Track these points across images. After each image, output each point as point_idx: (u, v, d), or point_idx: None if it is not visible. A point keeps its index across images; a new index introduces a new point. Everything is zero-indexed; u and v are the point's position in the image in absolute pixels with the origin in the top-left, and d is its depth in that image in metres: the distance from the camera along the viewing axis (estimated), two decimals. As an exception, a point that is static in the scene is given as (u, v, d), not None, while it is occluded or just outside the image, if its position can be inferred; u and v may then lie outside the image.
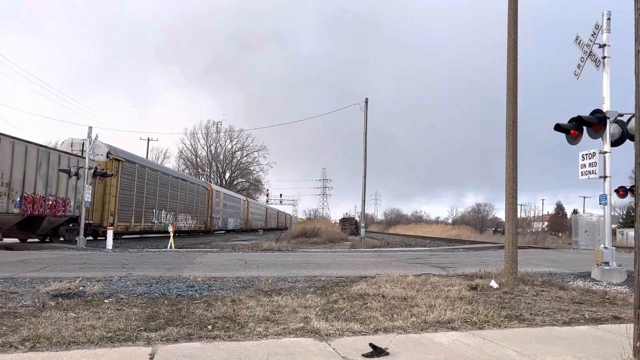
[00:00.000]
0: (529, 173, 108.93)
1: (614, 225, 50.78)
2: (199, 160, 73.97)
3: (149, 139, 56.34)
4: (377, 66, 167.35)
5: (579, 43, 10.53)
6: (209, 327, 4.84)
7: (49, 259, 11.72)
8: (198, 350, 4.10)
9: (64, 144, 21.77)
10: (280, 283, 8.19)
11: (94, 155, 19.21)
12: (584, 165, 10.14)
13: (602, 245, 10.02)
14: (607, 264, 9.72)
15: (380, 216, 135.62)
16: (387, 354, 4.07)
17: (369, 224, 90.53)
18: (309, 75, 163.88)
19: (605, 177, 9.85)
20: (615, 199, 19.36)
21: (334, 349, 4.23)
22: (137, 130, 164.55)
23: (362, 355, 4.04)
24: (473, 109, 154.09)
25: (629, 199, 39.17)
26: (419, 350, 4.26)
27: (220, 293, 7.01)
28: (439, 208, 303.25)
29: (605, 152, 9.85)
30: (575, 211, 67.47)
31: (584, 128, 10.05)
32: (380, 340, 4.43)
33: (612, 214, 11.16)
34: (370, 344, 4.17)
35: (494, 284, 8.03)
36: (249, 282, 8.23)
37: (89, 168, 18.72)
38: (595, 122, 9.87)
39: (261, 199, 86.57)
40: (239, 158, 76.97)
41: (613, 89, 9.95)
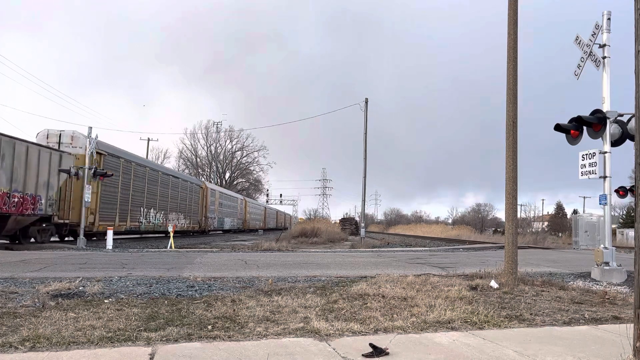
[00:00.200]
0: (529, 173, 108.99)
1: (614, 225, 50.77)
2: (199, 160, 74.02)
3: (149, 139, 56.37)
4: (377, 66, 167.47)
5: (579, 43, 10.53)
6: (209, 327, 4.84)
7: (48, 259, 11.72)
8: (198, 350, 4.10)
9: (39, 135, 20.31)
10: (280, 283, 8.19)
11: (94, 155, 19.19)
12: (584, 165, 10.14)
13: (602, 246, 10.02)
14: (607, 264, 9.72)
15: (380, 216, 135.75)
16: (387, 354, 4.07)
17: (369, 224, 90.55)
18: (309, 75, 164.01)
19: (605, 177, 9.85)
20: (615, 199, 19.40)
21: (334, 349, 4.23)
22: (137, 131, 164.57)
23: (362, 355, 4.04)
24: (473, 109, 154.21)
25: (629, 199, 39.18)
26: (419, 350, 4.26)
27: (220, 293, 7.01)
28: (439, 208, 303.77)
29: (605, 152, 9.85)
30: (575, 211, 67.50)
31: (584, 128, 10.05)
32: (380, 340, 4.43)
33: (612, 214, 11.16)
34: (370, 344, 4.17)
35: (494, 284, 8.03)
36: (249, 282, 8.23)
37: (89, 168, 18.73)
38: (595, 122, 9.87)
39: (261, 199, 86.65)
40: (239, 158, 77.01)
41: (613, 89, 9.96)
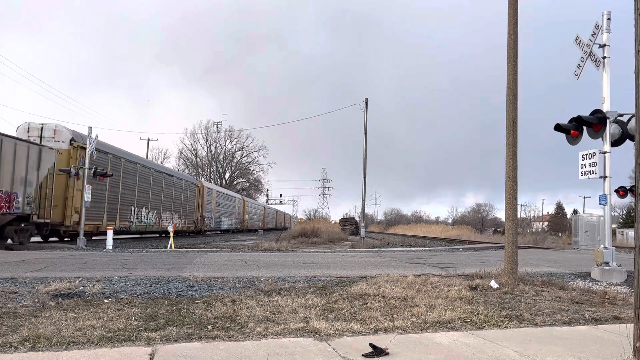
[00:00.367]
0: (529, 173, 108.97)
1: (614, 226, 50.78)
2: (199, 160, 74.04)
3: (149, 139, 56.39)
4: (377, 66, 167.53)
5: (579, 43, 10.53)
6: (209, 327, 4.84)
7: (48, 259, 11.72)
8: (198, 350, 4.10)
9: (19, 128, 19.44)
10: (280, 283, 8.18)
11: (94, 155, 19.14)
12: (584, 165, 10.14)
13: (602, 246, 10.02)
14: (607, 264, 9.72)
15: (380, 216, 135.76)
16: (387, 354, 4.07)
17: (369, 224, 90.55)
18: (309, 75, 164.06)
19: (605, 177, 9.85)
20: (615, 199, 19.40)
21: (334, 349, 4.23)
22: (137, 130, 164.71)
23: (362, 355, 4.04)
24: (473, 109, 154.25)
25: (629, 199, 39.18)
26: (419, 350, 4.26)
27: (220, 293, 7.01)
28: (439, 208, 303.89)
29: (605, 152, 9.85)
30: (575, 211, 67.51)
31: (584, 128, 10.05)
32: (380, 340, 4.43)
33: (612, 214, 11.16)
34: (370, 344, 4.16)
35: (494, 284, 8.03)
36: (249, 282, 8.23)
37: (89, 168, 18.72)
38: (595, 122, 9.87)
39: (261, 199, 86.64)
40: (239, 158, 77.03)
41: (613, 89, 9.96)
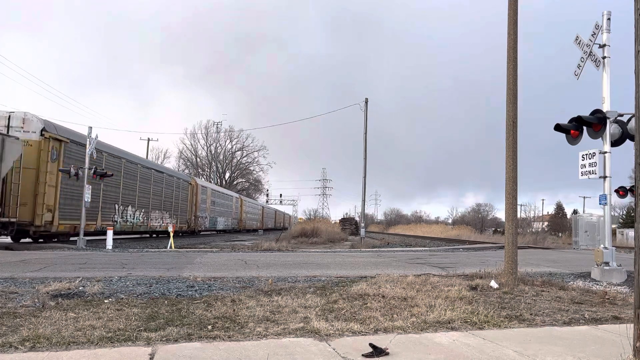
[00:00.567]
0: (529, 173, 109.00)
1: (614, 226, 50.78)
2: (199, 160, 74.06)
3: (149, 139, 56.41)
4: (377, 66, 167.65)
5: (579, 43, 10.53)
6: (209, 327, 4.84)
7: (48, 259, 11.72)
8: (198, 350, 4.10)
9: None
10: (280, 283, 8.18)
11: (94, 155, 19.10)
12: (584, 165, 10.14)
13: (602, 246, 10.02)
14: (607, 264, 9.71)
15: (380, 216, 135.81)
16: (387, 354, 4.07)
17: (369, 224, 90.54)
18: (309, 75, 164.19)
19: (605, 177, 9.85)
20: (615, 199, 19.40)
21: (334, 349, 4.23)
22: (137, 130, 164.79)
23: (362, 355, 4.04)
24: (473, 109, 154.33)
25: (629, 199, 39.18)
26: (419, 351, 4.26)
27: (220, 293, 7.01)
28: (439, 208, 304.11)
29: (605, 152, 9.85)
30: (575, 211, 67.52)
31: (584, 128, 10.05)
32: (380, 341, 4.42)
33: (612, 214, 11.16)
34: (370, 344, 4.16)
35: (494, 284, 8.03)
36: (249, 282, 8.23)
37: (89, 168, 18.70)
38: (595, 122, 9.87)
39: (261, 199, 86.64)
40: (238, 158, 77.02)
41: (613, 89, 9.96)
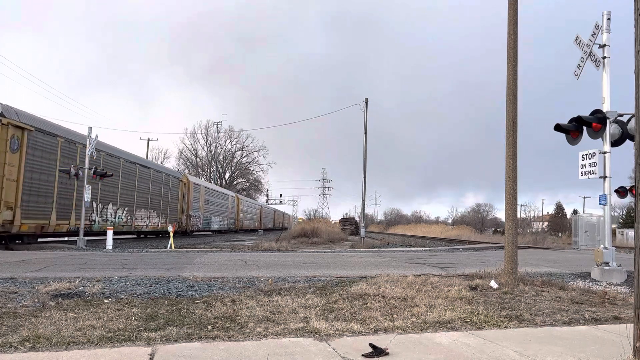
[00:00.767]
0: (529, 173, 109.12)
1: (613, 226, 50.79)
2: (199, 160, 74.07)
3: (149, 139, 56.43)
4: (378, 67, 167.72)
5: (579, 43, 10.53)
6: (209, 327, 4.84)
7: (48, 259, 11.71)
8: (198, 350, 4.09)
9: None
10: (280, 283, 8.18)
11: (94, 155, 19.13)
12: (584, 166, 10.14)
13: (602, 246, 10.02)
14: (607, 264, 9.71)
15: (380, 216, 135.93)
16: (387, 354, 4.07)
17: (369, 224, 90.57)
18: (310, 75, 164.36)
19: (605, 177, 9.85)
20: (615, 199, 19.39)
21: (334, 349, 4.23)
22: (137, 130, 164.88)
23: (362, 355, 4.04)
24: (473, 109, 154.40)
25: (629, 199, 39.19)
26: (419, 351, 4.26)
27: (220, 293, 7.01)
28: (439, 208, 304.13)
29: (605, 152, 9.85)
30: (575, 211, 67.54)
31: (584, 128, 10.04)
32: (380, 341, 4.42)
33: (612, 214, 11.16)
34: (370, 344, 4.16)
35: (493, 284, 8.03)
36: (248, 282, 8.22)
37: (89, 168, 18.71)
38: (595, 122, 9.87)
39: (261, 199, 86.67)
40: (238, 158, 77.07)
41: (613, 89, 9.95)
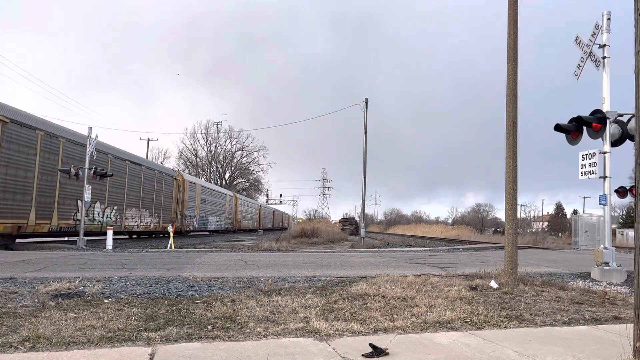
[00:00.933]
0: (529, 173, 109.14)
1: (613, 226, 50.79)
2: (199, 160, 74.08)
3: (149, 139, 56.46)
4: (378, 67, 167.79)
5: (579, 43, 10.53)
6: (209, 327, 4.84)
7: (48, 259, 11.71)
8: (198, 350, 4.09)
9: None
10: (280, 283, 8.18)
11: (94, 155, 19.12)
12: (584, 166, 10.14)
13: (602, 246, 10.01)
14: (607, 264, 9.71)
15: (380, 216, 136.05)
16: (387, 354, 4.06)
17: (369, 224, 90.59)
18: (310, 75, 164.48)
19: (605, 177, 9.85)
20: (615, 199, 19.40)
21: (333, 349, 4.22)
22: (137, 130, 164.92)
23: (362, 355, 4.04)
24: (474, 109, 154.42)
25: (629, 199, 39.20)
26: (418, 351, 4.25)
27: (220, 293, 7.01)
28: (439, 208, 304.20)
29: (605, 152, 9.85)
30: (575, 211, 67.57)
31: (584, 128, 10.04)
32: (380, 341, 4.42)
33: (612, 214, 11.16)
34: (370, 344, 4.16)
35: (493, 284, 8.03)
36: (248, 282, 8.22)
37: (89, 168, 18.70)
38: (595, 122, 9.87)
39: (261, 199, 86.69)
40: (238, 158, 77.07)
41: (613, 89, 9.95)
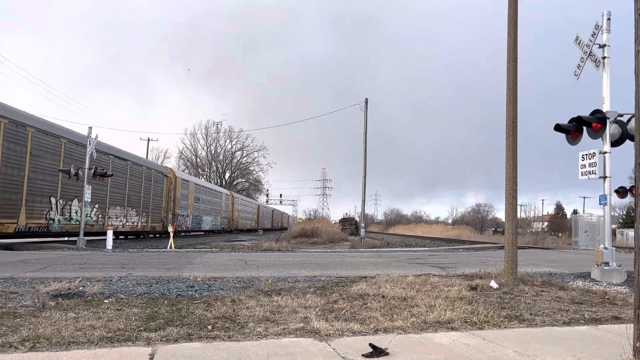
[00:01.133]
0: (529, 173, 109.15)
1: (613, 226, 50.80)
2: (199, 160, 74.09)
3: (149, 139, 56.48)
4: (378, 67, 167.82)
5: (579, 43, 10.52)
6: (209, 327, 4.84)
7: (48, 259, 11.72)
8: (198, 350, 4.09)
9: None
10: (280, 283, 8.18)
11: (94, 155, 19.13)
12: (584, 166, 10.14)
13: (602, 246, 10.01)
14: (607, 264, 9.71)
15: (380, 216, 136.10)
16: (387, 354, 4.06)
17: (369, 224, 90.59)
18: (310, 75, 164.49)
19: (605, 178, 9.85)
20: (615, 199, 19.39)
21: (333, 349, 4.22)
22: (137, 130, 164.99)
23: (362, 355, 4.04)
24: (474, 109, 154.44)
25: (629, 199, 39.21)
26: (418, 351, 4.25)
27: (220, 293, 7.01)
28: (439, 208, 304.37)
29: (605, 152, 9.84)
30: (575, 211, 67.58)
31: (584, 128, 10.04)
32: (380, 341, 4.42)
33: (612, 214, 11.16)
34: (370, 344, 4.16)
35: (493, 284, 8.03)
36: (248, 282, 8.22)
37: (89, 168, 18.71)
38: (595, 122, 9.87)
39: (261, 199, 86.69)
40: (238, 158, 77.09)
41: (613, 89, 9.95)
